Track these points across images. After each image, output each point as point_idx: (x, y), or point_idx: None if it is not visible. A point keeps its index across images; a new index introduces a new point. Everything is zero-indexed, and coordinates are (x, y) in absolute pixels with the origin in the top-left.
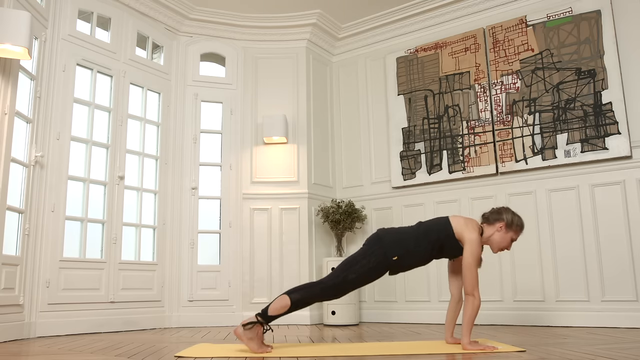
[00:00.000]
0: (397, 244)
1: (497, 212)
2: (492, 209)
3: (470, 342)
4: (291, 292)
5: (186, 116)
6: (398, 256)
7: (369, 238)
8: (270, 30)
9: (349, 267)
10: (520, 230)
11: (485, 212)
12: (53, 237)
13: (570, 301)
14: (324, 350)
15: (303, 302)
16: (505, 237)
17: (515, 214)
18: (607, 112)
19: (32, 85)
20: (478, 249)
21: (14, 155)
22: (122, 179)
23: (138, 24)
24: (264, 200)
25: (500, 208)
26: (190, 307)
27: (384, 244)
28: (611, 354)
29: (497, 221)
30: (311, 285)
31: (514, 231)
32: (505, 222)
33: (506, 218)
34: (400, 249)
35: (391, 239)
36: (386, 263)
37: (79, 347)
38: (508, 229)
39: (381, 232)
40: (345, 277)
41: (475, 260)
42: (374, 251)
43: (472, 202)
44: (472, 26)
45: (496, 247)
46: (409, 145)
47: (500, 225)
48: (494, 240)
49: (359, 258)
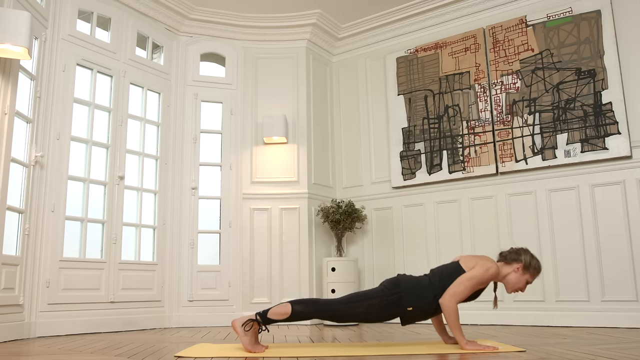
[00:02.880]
0: (414, 295)
1: (515, 253)
2: (511, 249)
3: (467, 342)
4: (295, 302)
5: (186, 116)
6: (413, 307)
7: (388, 280)
8: (270, 30)
9: (359, 300)
10: (536, 273)
11: (503, 251)
12: (53, 237)
13: (570, 301)
14: (324, 351)
15: (303, 315)
16: (521, 279)
17: (533, 256)
18: (607, 112)
19: (32, 85)
20: (486, 275)
21: (14, 155)
22: (122, 179)
23: (138, 24)
24: (264, 200)
25: (520, 249)
26: (190, 307)
27: (402, 290)
28: (611, 354)
29: (514, 261)
30: (316, 302)
31: (530, 274)
32: (523, 264)
33: (524, 260)
34: (416, 300)
35: (409, 288)
36: (399, 310)
37: (79, 347)
38: (525, 271)
39: (401, 278)
40: (353, 308)
41: (475, 281)
42: (389, 294)
43: (472, 202)
44: (472, 26)
45: (511, 288)
46: (409, 145)
47: (518, 267)
48: (510, 280)
49: (372, 296)
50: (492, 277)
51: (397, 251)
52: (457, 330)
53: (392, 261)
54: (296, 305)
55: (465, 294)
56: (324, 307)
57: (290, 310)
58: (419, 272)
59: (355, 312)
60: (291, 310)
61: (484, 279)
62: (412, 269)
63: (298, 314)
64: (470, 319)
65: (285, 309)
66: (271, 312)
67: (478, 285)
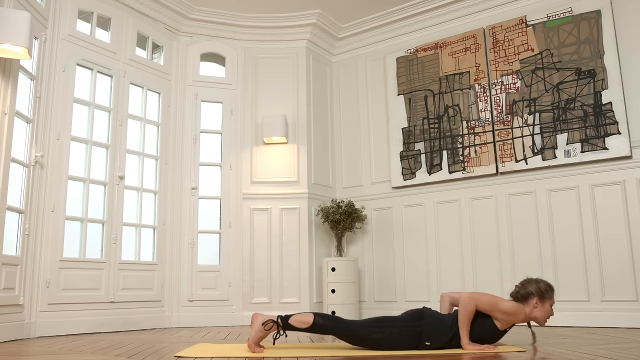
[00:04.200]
0: (434, 332)
1: (524, 289)
2: (517, 287)
3: (469, 342)
4: (318, 315)
5: (186, 116)
6: (431, 343)
7: (412, 311)
8: (270, 30)
9: (380, 325)
10: (552, 292)
11: (512, 292)
12: (53, 237)
13: (570, 301)
14: (324, 351)
15: (322, 329)
16: (545, 309)
17: (538, 281)
18: (607, 112)
19: (32, 85)
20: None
21: (14, 155)
22: (122, 179)
23: (138, 24)
24: (264, 200)
25: (524, 282)
26: (190, 307)
27: (424, 325)
28: (611, 354)
29: (529, 298)
30: (337, 320)
31: (549, 298)
32: (538, 296)
33: (536, 291)
34: (436, 338)
35: (431, 325)
36: (417, 342)
37: (79, 347)
38: (543, 300)
39: (425, 313)
40: (372, 332)
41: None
42: (411, 326)
43: (472, 202)
44: (472, 26)
45: (543, 321)
46: (409, 145)
47: (535, 301)
48: (537, 316)
49: (394, 323)
50: (520, 317)
51: (397, 251)
52: (464, 328)
53: (392, 261)
54: (318, 318)
55: (486, 303)
56: (344, 327)
57: (312, 320)
58: (419, 272)
59: (371, 337)
60: (313, 321)
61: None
62: (412, 269)
63: (319, 327)
64: None
65: (308, 318)
66: (293, 318)
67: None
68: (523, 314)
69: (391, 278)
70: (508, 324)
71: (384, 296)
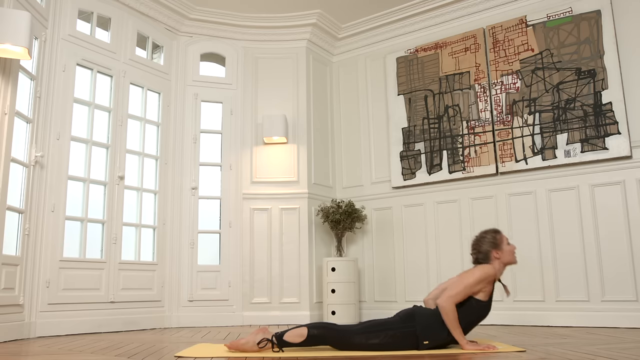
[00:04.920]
0: (429, 329)
1: (479, 253)
2: (473, 254)
3: (467, 342)
4: (311, 327)
5: (186, 116)
6: (429, 341)
7: (403, 312)
8: (270, 30)
9: (375, 330)
10: (500, 233)
11: (472, 261)
12: (53, 237)
13: (570, 301)
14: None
15: (318, 340)
16: (506, 251)
17: (483, 237)
18: (607, 112)
19: (32, 85)
20: (485, 275)
21: (14, 155)
22: (122, 179)
23: (138, 24)
24: (264, 200)
25: (474, 247)
26: (190, 307)
27: (417, 325)
28: (611, 354)
29: (489, 255)
30: (332, 327)
31: (503, 244)
32: (493, 249)
33: (489, 245)
34: (432, 336)
35: (424, 323)
36: (415, 341)
37: (79, 347)
38: (499, 249)
39: (416, 312)
40: (369, 338)
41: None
42: (404, 327)
43: (472, 202)
44: (472, 26)
45: (513, 259)
46: (409, 145)
47: (494, 253)
48: (505, 261)
49: (388, 326)
50: (492, 276)
51: (397, 251)
52: (456, 330)
53: (392, 261)
54: (312, 330)
55: (461, 293)
56: (340, 335)
57: (306, 333)
58: (419, 272)
59: (369, 343)
60: (307, 333)
61: (484, 279)
62: (412, 269)
63: (314, 338)
64: None
65: (302, 331)
66: (287, 334)
67: (475, 286)
68: (493, 271)
69: (391, 278)
70: (488, 288)
71: (384, 296)
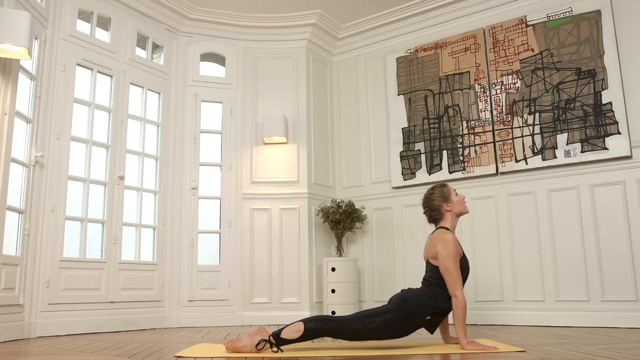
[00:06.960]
0: (423, 304)
1: (432, 210)
2: (426, 214)
3: (468, 342)
4: (307, 320)
5: (186, 116)
6: (430, 315)
7: (395, 296)
8: (270, 30)
9: (372, 315)
10: (446, 186)
11: (429, 221)
12: (53, 237)
13: (570, 301)
14: (324, 351)
15: (316, 333)
16: (456, 202)
17: (432, 193)
18: (607, 112)
19: (32, 85)
20: (449, 246)
21: (14, 155)
22: (122, 179)
23: (138, 24)
24: (264, 200)
25: (425, 205)
26: (190, 307)
27: (412, 305)
28: (611, 354)
29: (441, 210)
30: (328, 319)
31: (449, 193)
32: (444, 202)
33: (440, 199)
34: (429, 308)
35: (417, 300)
36: (416, 321)
37: (79, 347)
38: (448, 199)
39: (406, 293)
40: (367, 324)
41: (452, 261)
42: (400, 309)
43: (472, 202)
44: (472, 26)
45: (464, 208)
46: (409, 145)
47: (445, 206)
48: (457, 212)
49: (384, 311)
50: (453, 239)
51: (397, 251)
52: (461, 327)
53: (392, 261)
54: (308, 323)
55: (455, 275)
56: (337, 324)
57: (303, 327)
58: (419, 272)
59: (369, 328)
60: (304, 327)
61: (452, 250)
62: (412, 268)
63: (311, 331)
64: (470, 319)
65: (298, 326)
66: (284, 331)
67: (457, 257)
68: (452, 225)
69: (391, 278)
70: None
71: (384, 296)
